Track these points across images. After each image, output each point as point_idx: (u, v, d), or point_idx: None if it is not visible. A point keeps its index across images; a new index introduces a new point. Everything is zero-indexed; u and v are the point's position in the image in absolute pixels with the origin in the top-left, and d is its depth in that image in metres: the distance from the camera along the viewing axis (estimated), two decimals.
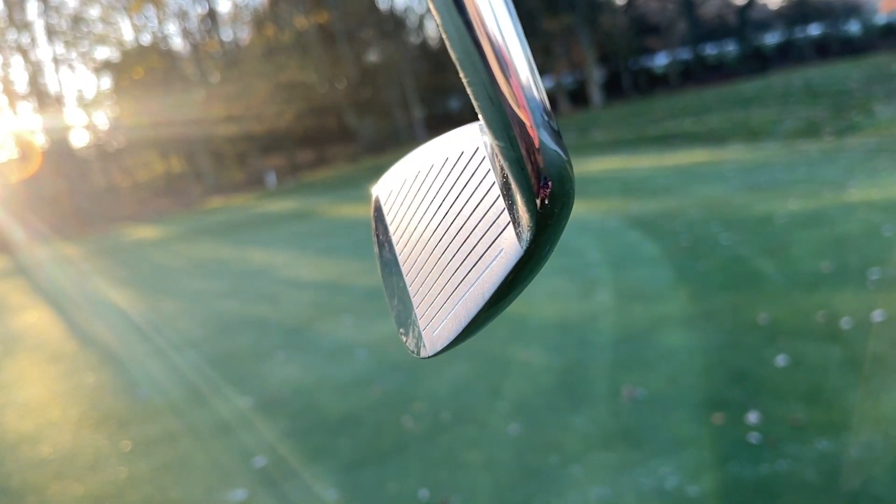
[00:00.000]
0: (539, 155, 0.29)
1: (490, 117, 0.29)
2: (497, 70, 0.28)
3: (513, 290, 0.36)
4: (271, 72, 27.69)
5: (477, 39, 0.27)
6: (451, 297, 0.39)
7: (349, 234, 10.23)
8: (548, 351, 3.78)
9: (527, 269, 0.34)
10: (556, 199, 0.31)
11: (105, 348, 6.04)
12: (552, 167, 0.30)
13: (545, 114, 0.29)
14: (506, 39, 0.27)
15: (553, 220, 0.31)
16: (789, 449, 2.38)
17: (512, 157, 0.30)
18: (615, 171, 11.19)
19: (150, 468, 3.22)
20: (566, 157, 0.30)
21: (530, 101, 0.28)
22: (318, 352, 4.63)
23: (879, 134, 9.20)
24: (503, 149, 0.30)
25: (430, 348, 0.42)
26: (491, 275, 0.36)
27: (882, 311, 3.31)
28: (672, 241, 5.65)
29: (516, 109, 0.28)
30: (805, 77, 19.42)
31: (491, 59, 0.27)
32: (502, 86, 0.28)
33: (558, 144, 0.30)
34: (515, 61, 0.28)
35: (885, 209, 5.22)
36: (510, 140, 0.29)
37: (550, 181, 0.30)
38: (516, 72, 0.28)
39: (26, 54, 27.49)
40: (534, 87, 0.28)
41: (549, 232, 0.32)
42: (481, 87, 0.28)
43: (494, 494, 2.51)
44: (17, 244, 18.69)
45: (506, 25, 0.27)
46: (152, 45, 30.42)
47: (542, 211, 0.31)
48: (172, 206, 25.24)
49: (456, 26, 0.27)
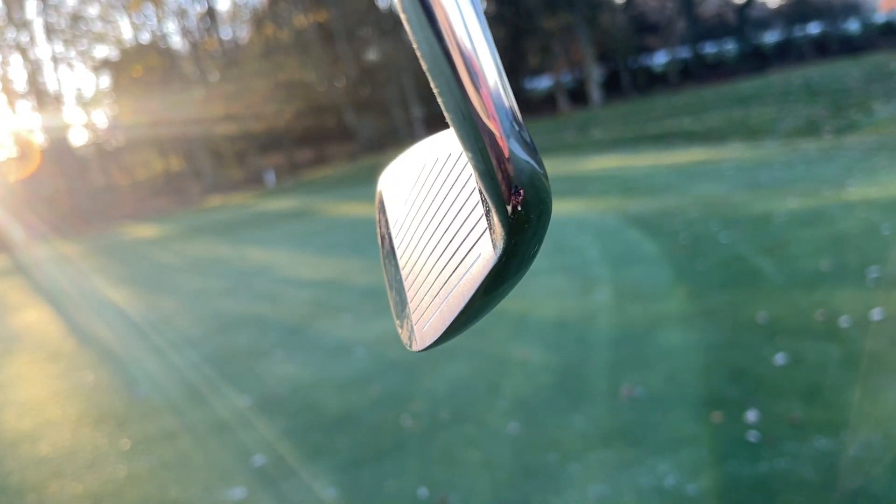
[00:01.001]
0: (509, 164, 0.29)
1: (459, 128, 0.29)
2: (467, 81, 0.27)
3: (490, 295, 0.36)
4: (270, 70, 27.69)
5: (447, 50, 0.27)
6: (438, 296, 0.40)
7: (348, 232, 10.22)
8: (547, 349, 3.78)
9: (503, 275, 0.34)
10: (530, 207, 0.30)
11: (104, 347, 6.03)
12: (522, 176, 0.29)
13: (515, 124, 0.29)
14: (477, 51, 0.27)
15: (527, 228, 0.31)
16: (788, 447, 2.38)
17: (481, 169, 0.30)
18: (614, 170, 11.19)
19: (148, 467, 3.22)
20: (538, 167, 0.30)
21: (499, 111, 0.28)
22: (316, 350, 4.62)
23: (878, 132, 9.20)
24: (473, 159, 0.30)
25: (420, 343, 0.43)
26: (470, 278, 0.36)
27: (881, 310, 3.31)
28: (671, 239, 5.65)
29: (485, 120, 0.28)
30: (804, 76, 19.42)
31: (461, 72, 0.27)
32: (472, 97, 0.28)
33: (529, 154, 0.30)
34: (486, 72, 0.28)
35: (884, 208, 5.22)
36: (480, 152, 0.29)
37: (522, 189, 0.30)
38: (486, 83, 0.28)
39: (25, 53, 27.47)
40: (503, 96, 0.28)
41: (522, 240, 0.32)
42: (451, 99, 0.28)
43: (493, 493, 2.51)
44: (16, 243, 18.68)
45: (477, 37, 0.27)
46: (151, 43, 30.40)
47: (514, 218, 0.30)
48: (171, 205, 25.23)
49: (426, 36, 0.27)
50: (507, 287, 0.35)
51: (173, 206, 24.73)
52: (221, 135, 28.21)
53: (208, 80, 29.89)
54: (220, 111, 26.75)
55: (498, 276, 0.34)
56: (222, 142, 29.34)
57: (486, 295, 0.36)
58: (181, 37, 32.21)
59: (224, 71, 29.83)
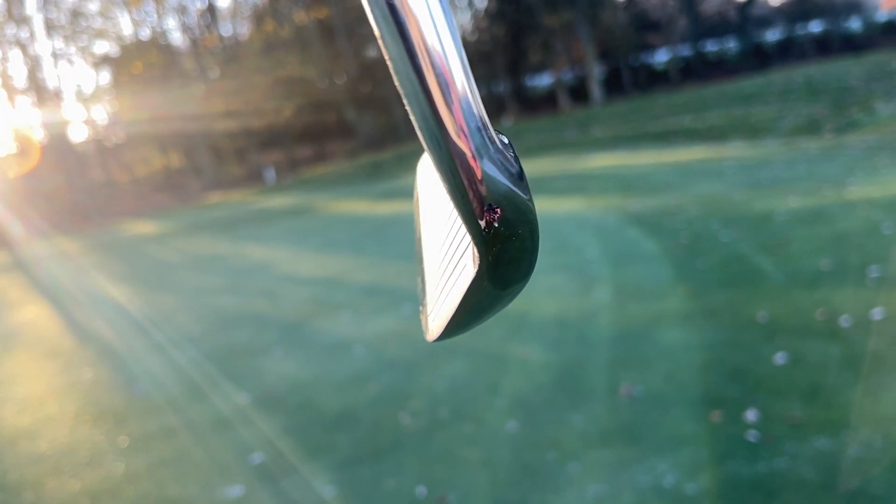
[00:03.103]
0: (481, 185, 0.28)
1: (429, 145, 0.29)
2: (439, 100, 0.27)
3: (469, 310, 0.35)
4: (270, 67, 27.65)
5: (420, 71, 0.26)
6: (441, 295, 0.40)
7: (348, 230, 10.21)
8: (546, 348, 3.77)
9: (481, 293, 0.33)
10: (508, 225, 0.30)
11: (103, 344, 6.03)
12: (496, 195, 0.29)
13: (488, 141, 0.28)
14: (452, 70, 0.27)
15: (505, 246, 0.30)
16: (787, 447, 2.37)
17: (451, 188, 0.29)
18: (615, 168, 11.17)
19: (147, 464, 3.21)
20: (513, 185, 0.29)
21: (471, 131, 0.28)
22: (315, 348, 4.62)
23: (880, 131, 9.18)
24: (443, 178, 0.29)
25: (431, 335, 0.43)
26: (458, 288, 0.35)
27: (881, 309, 3.30)
28: (671, 238, 5.64)
29: (456, 140, 0.28)
30: (806, 74, 19.39)
31: (433, 91, 0.27)
32: (443, 115, 0.27)
33: (504, 173, 0.29)
34: (458, 89, 0.27)
35: (885, 207, 5.21)
36: (451, 172, 0.28)
37: (499, 207, 0.29)
38: (458, 100, 0.27)
39: (25, 49, 27.42)
40: (475, 110, 0.28)
41: (501, 258, 0.31)
42: (421, 117, 0.28)
43: (492, 492, 2.50)
44: (16, 239, 18.67)
45: (452, 57, 0.26)
46: (151, 40, 30.35)
47: (491, 235, 0.30)
48: (171, 202, 25.22)
49: (399, 55, 0.26)
50: (487, 303, 0.34)
51: (173, 203, 24.72)
52: (221, 131, 28.18)
53: (208, 76, 29.85)
54: (220, 108, 26.72)
55: (476, 292, 0.33)
56: (222, 138, 29.30)
57: (464, 310, 0.35)
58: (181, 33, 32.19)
59: (224, 67, 29.78)
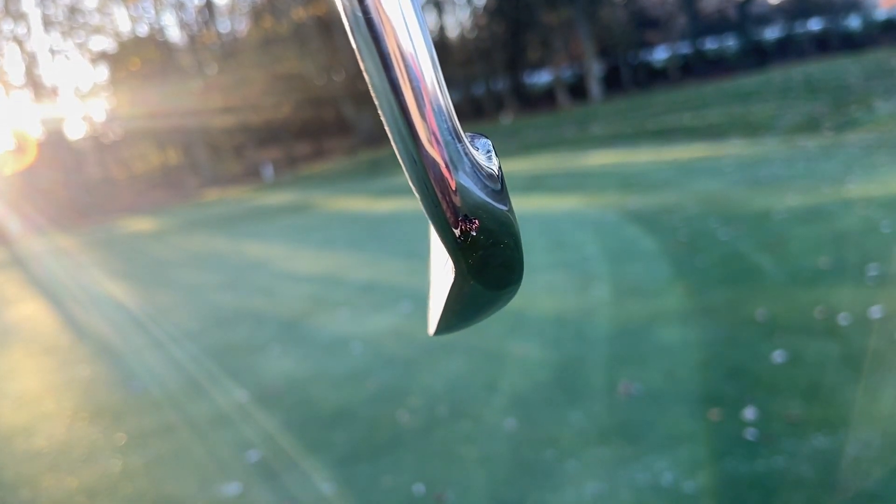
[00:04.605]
0: (455, 196, 0.28)
1: (403, 157, 0.28)
2: (412, 106, 0.26)
3: (452, 315, 0.35)
4: (268, 63, 27.56)
5: (398, 88, 0.26)
6: (437, 291, 0.40)
7: (346, 227, 10.20)
8: (544, 346, 3.77)
9: (462, 296, 0.33)
10: (487, 234, 0.30)
11: (100, 340, 6.01)
12: (469, 205, 0.29)
13: (462, 151, 0.28)
14: (425, 78, 0.26)
15: (482, 253, 0.30)
16: (786, 445, 2.37)
17: (424, 199, 0.29)
18: (613, 166, 11.16)
19: (144, 461, 3.21)
20: (487, 197, 0.29)
21: (445, 142, 0.28)
22: (313, 345, 4.61)
23: (879, 129, 9.18)
24: (415, 188, 0.29)
25: (431, 329, 0.43)
26: (445, 289, 0.36)
27: (880, 308, 3.30)
28: (670, 236, 5.63)
29: (429, 150, 0.27)
30: (805, 72, 19.38)
31: (408, 100, 0.26)
32: (416, 124, 0.27)
33: (477, 182, 0.29)
34: (431, 97, 0.27)
35: (883, 205, 5.21)
36: (423, 182, 0.28)
37: (476, 218, 0.29)
38: (431, 109, 0.27)
39: (22, 45, 27.31)
40: (447, 119, 0.27)
41: (479, 264, 0.31)
42: (394, 127, 0.27)
43: (490, 489, 2.50)
44: (13, 236, 18.62)
45: (426, 66, 0.26)
46: (149, 36, 30.23)
47: (465, 241, 0.30)
48: (169, 198, 25.16)
49: (376, 68, 0.26)
50: (473, 307, 0.34)
51: (171, 200, 24.66)
52: (219, 128, 28.11)
53: (206, 72, 29.75)
54: (218, 104, 26.64)
55: (457, 298, 0.33)
56: (220, 135, 29.24)
57: (450, 311, 0.35)
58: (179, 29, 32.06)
59: (222, 64, 29.68)
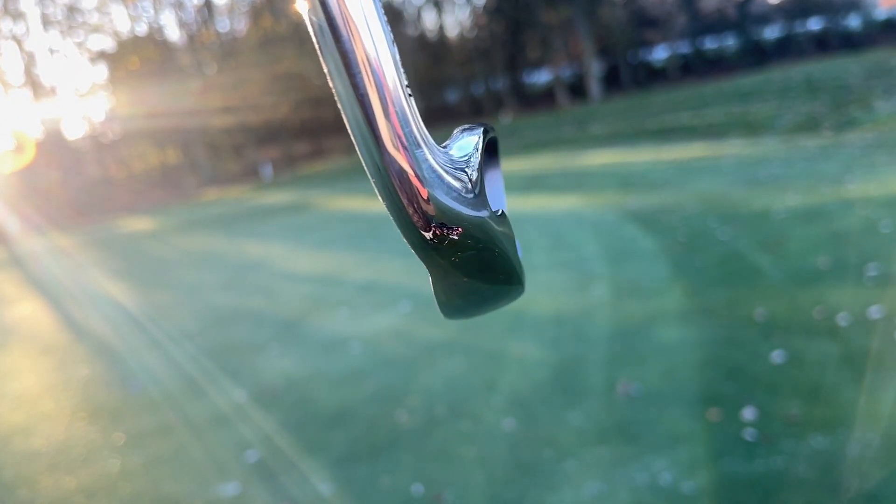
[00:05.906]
0: (428, 205, 0.28)
1: (368, 165, 0.28)
2: (378, 112, 0.26)
3: (442, 303, 0.35)
4: (267, 63, 27.52)
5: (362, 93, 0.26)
6: None
7: (345, 226, 10.19)
8: (543, 345, 3.76)
9: (441, 303, 0.33)
10: (466, 239, 0.30)
11: (99, 340, 6.00)
12: (440, 212, 0.29)
13: (430, 157, 0.28)
14: (388, 83, 0.26)
15: (451, 259, 0.30)
16: (785, 445, 2.37)
17: (390, 205, 0.29)
18: (613, 165, 11.16)
19: (142, 461, 3.20)
20: (460, 206, 0.29)
21: (411, 148, 0.28)
22: (312, 345, 4.60)
23: (878, 129, 9.18)
24: (382, 195, 0.29)
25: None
26: None
27: (879, 308, 3.29)
28: (669, 235, 5.63)
29: (394, 155, 0.27)
30: (804, 71, 19.38)
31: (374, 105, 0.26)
32: (381, 130, 0.27)
33: (447, 190, 0.29)
34: (396, 108, 0.27)
35: (883, 205, 5.20)
36: (388, 189, 0.28)
37: (444, 224, 0.29)
38: (395, 117, 0.27)
39: (21, 44, 27.27)
40: (413, 125, 0.27)
41: (439, 266, 0.31)
42: (359, 133, 0.27)
43: (488, 489, 2.49)
44: (11, 235, 18.60)
45: (392, 80, 0.26)
46: (148, 35, 30.20)
47: (434, 243, 0.30)
48: (168, 198, 25.13)
49: (343, 84, 0.26)
50: (452, 300, 0.34)
51: (170, 199, 24.64)
52: (218, 127, 28.07)
53: (205, 72, 29.72)
54: (217, 103, 26.61)
55: (439, 290, 0.33)
56: (219, 135, 29.19)
57: (441, 304, 0.35)
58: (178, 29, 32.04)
59: (221, 63, 29.65)
